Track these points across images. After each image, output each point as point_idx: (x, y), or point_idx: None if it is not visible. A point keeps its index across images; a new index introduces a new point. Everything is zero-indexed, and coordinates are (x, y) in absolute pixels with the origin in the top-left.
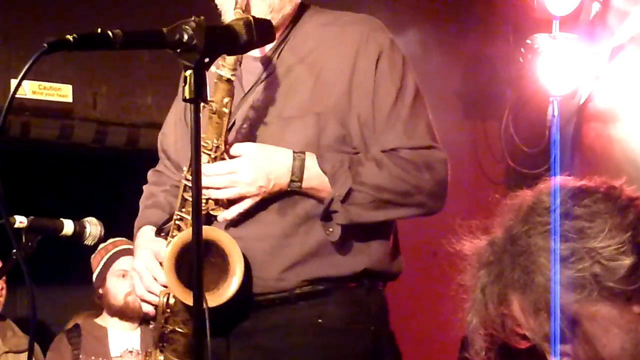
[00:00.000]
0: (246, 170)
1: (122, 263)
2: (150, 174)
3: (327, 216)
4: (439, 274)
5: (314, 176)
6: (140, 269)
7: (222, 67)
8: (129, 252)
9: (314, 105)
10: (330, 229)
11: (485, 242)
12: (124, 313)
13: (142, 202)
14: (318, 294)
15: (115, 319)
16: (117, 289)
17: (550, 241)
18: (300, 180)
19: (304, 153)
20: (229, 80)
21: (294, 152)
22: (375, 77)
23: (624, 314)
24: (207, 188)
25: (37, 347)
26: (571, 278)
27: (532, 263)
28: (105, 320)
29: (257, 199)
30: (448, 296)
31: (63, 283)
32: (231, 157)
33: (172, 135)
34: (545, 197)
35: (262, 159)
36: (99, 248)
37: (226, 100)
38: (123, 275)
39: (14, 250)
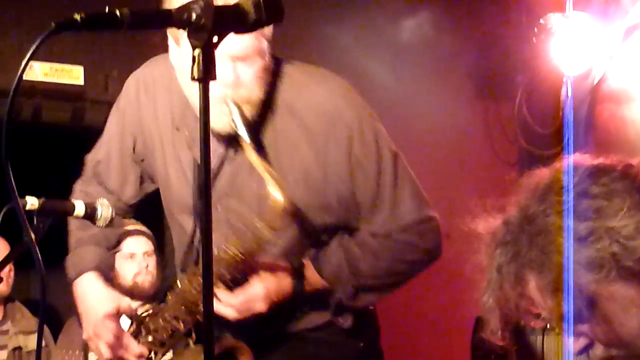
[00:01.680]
0: (261, 302)
1: (130, 245)
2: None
3: (336, 310)
4: (452, 256)
5: (317, 282)
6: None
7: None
8: (136, 233)
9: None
10: (341, 320)
11: (500, 221)
12: (133, 293)
13: (75, 232)
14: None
15: (126, 299)
16: (125, 270)
17: (568, 220)
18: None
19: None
20: None
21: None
22: (350, 166)
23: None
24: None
25: (47, 330)
26: (589, 258)
27: (549, 243)
28: None
29: None
30: (462, 277)
31: None
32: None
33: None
34: (562, 176)
35: (275, 287)
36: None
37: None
38: (131, 257)
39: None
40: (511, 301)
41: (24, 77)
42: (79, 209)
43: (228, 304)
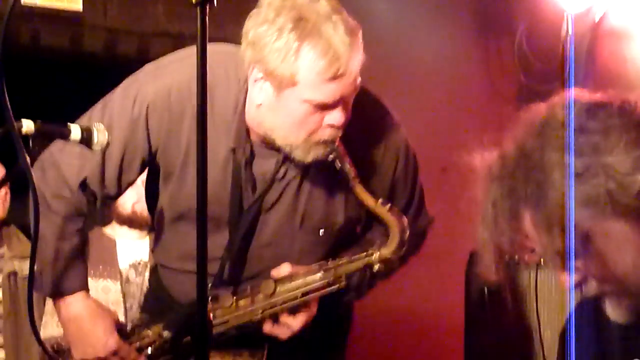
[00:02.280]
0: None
1: None
2: (58, 204)
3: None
4: (448, 190)
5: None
6: None
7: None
8: None
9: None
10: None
11: (496, 155)
12: (132, 221)
13: (54, 243)
14: None
15: (124, 228)
16: (124, 198)
17: (565, 156)
18: None
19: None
20: None
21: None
22: (390, 185)
23: (637, 231)
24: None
25: None
26: (585, 194)
27: (545, 178)
28: (114, 229)
29: None
30: (458, 211)
31: None
32: None
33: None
34: (560, 111)
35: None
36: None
37: None
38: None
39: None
40: (505, 236)
41: (23, 2)
42: (75, 133)
43: (291, 329)
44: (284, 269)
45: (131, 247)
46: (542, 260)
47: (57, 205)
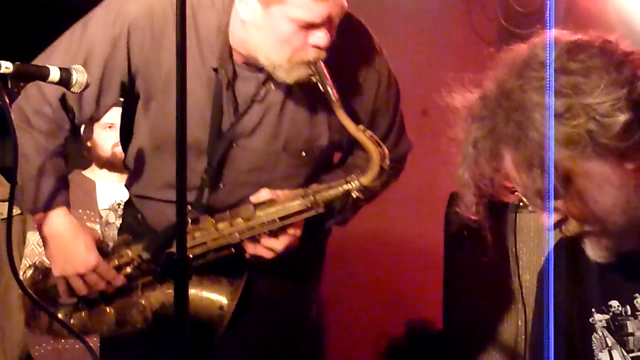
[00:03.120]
0: (297, 241)
1: (109, 115)
2: (38, 120)
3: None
4: (429, 132)
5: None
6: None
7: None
8: (116, 104)
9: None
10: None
11: (477, 96)
12: (112, 163)
13: (35, 158)
14: None
15: (104, 171)
16: (104, 140)
17: (545, 97)
18: None
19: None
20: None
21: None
22: (372, 110)
23: (616, 171)
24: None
25: None
26: (565, 134)
27: (526, 118)
28: (94, 172)
29: None
30: (438, 152)
31: None
32: None
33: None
34: (540, 52)
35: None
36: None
37: None
38: (110, 127)
39: None
40: (486, 176)
41: None
42: (54, 74)
43: (274, 250)
44: (263, 195)
45: (111, 190)
46: (521, 201)
47: (37, 121)
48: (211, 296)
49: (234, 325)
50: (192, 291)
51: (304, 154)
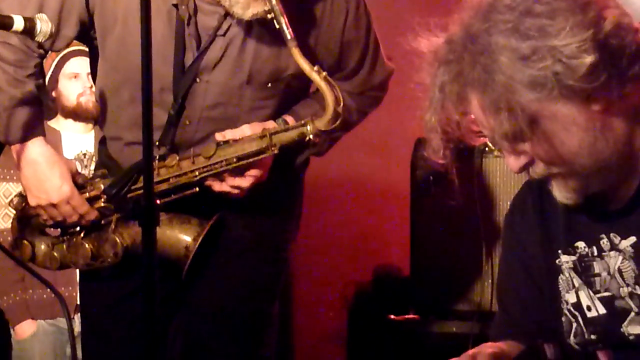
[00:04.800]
0: (264, 174)
1: (73, 65)
2: (6, 51)
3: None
4: (394, 78)
5: None
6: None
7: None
8: (80, 53)
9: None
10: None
11: (443, 40)
12: (77, 113)
13: (7, 90)
14: None
15: (69, 121)
16: (69, 90)
17: (511, 39)
18: None
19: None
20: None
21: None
22: (342, 39)
23: (583, 113)
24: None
25: None
26: (532, 77)
27: (492, 62)
28: (59, 123)
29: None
30: (404, 97)
31: None
32: None
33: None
34: None
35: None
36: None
37: None
38: (75, 77)
39: None
40: (453, 120)
41: None
42: (18, 23)
43: (240, 188)
44: (228, 135)
45: (76, 140)
46: (487, 146)
47: (5, 52)
48: (178, 236)
49: (210, 267)
50: (161, 229)
51: (269, 85)
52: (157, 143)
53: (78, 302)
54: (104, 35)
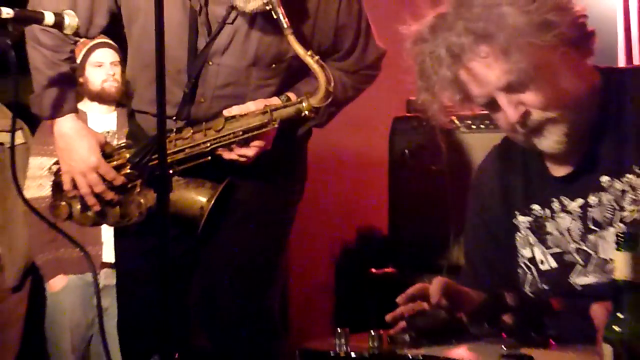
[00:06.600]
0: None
1: (99, 55)
2: (45, 37)
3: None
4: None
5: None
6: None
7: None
8: (105, 45)
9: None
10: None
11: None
12: (101, 97)
13: (45, 71)
14: None
15: (94, 103)
16: (94, 77)
17: None
18: None
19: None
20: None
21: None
22: (336, 22)
23: (575, 58)
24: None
25: (27, 128)
26: (532, 22)
27: (496, 15)
28: (85, 105)
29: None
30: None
31: None
32: None
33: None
34: None
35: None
36: (79, 42)
37: None
38: (99, 65)
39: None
40: (447, 80)
41: None
42: (49, 18)
43: (245, 156)
44: (235, 110)
45: (100, 120)
46: (455, 123)
47: (44, 38)
48: (194, 197)
49: (222, 228)
50: (179, 192)
51: (273, 66)
52: (174, 118)
53: (103, 260)
54: (130, 24)
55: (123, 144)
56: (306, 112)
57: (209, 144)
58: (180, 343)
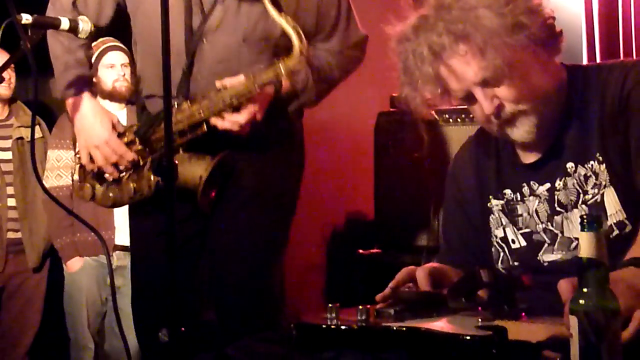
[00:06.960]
0: (259, 113)
1: (110, 57)
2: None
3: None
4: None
5: (289, 89)
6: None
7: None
8: (116, 48)
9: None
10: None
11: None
12: (112, 96)
13: (62, 56)
14: None
15: (106, 101)
16: (106, 77)
17: None
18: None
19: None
20: None
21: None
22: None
23: (545, 56)
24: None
25: (44, 123)
26: (508, 24)
27: (474, 17)
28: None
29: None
30: (370, 77)
31: None
32: None
33: None
34: None
35: (266, 98)
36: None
37: None
38: (111, 67)
39: (22, 42)
40: (428, 76)
41: None
42: (64, 23)
43: (238, 122)
44: (225, 81)
45: None
46: (435, 116)
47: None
48: (195, 168)
49: (225, 212)
50: (183, 166)
51: (263, 44)
52: (175, 95)
53: (115, 243)
54: (134, 13)
55: (133, 126)
56: (283, 74)
57: (202, 113)
58: (190, 318)
